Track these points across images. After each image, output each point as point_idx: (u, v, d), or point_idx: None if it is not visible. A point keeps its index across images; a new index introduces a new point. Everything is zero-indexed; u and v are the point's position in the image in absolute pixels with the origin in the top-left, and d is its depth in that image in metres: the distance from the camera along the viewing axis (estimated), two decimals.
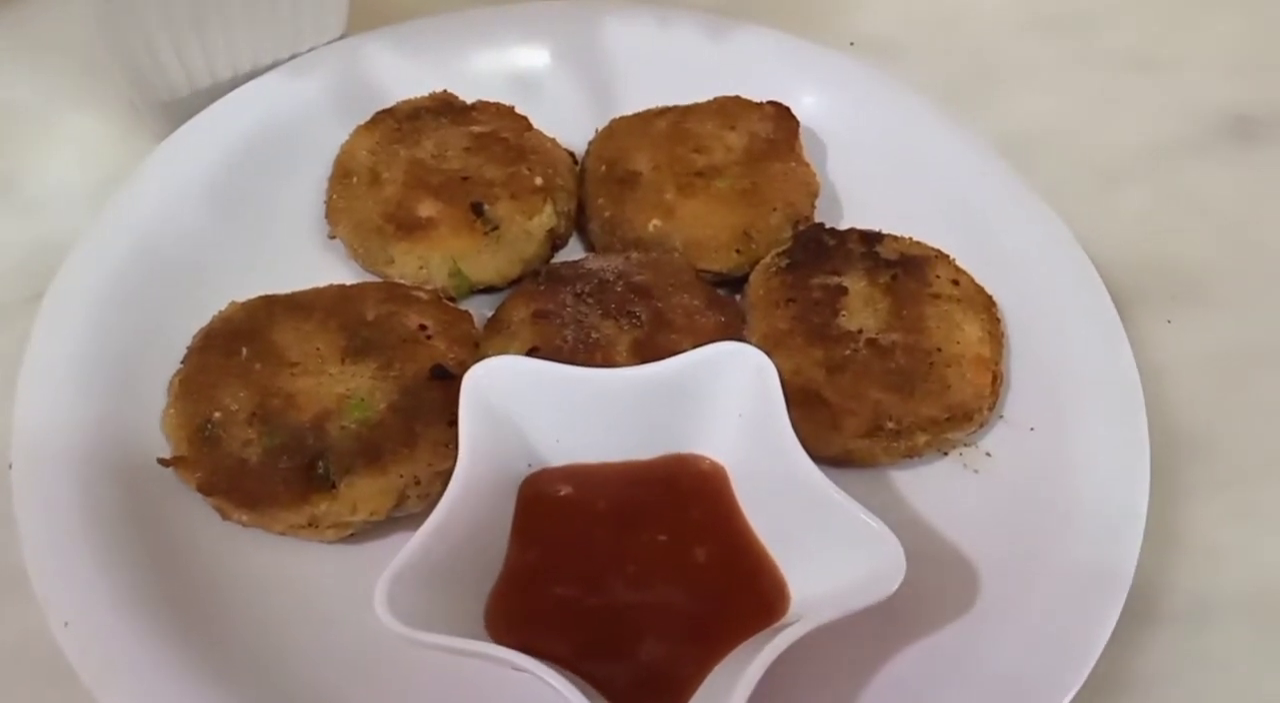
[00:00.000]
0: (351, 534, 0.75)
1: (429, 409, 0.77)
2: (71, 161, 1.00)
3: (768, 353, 0.76)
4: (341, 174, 0.91)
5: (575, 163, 0.96)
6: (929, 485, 0.81)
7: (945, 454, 0.82)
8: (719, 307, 0.85)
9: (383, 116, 0.94)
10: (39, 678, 0.71)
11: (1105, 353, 0.84)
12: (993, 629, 0.73)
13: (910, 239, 0.89)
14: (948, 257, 0.88)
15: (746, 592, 0.70)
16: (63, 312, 0.82)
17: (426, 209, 0.87)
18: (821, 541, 0.70)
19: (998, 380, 0.83)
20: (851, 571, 0.67)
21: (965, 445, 0.82)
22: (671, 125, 0.95)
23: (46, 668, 0.69)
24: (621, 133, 0.96)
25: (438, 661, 0.69)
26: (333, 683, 0.71)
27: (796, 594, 0.70)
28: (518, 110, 0.96)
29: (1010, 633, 0.73)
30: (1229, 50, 1.16)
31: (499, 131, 0.93)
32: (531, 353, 0.78)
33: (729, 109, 0.96)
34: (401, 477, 0.75)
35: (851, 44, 1.12)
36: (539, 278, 0.86)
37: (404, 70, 0.98)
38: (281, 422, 0.76)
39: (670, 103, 0.97)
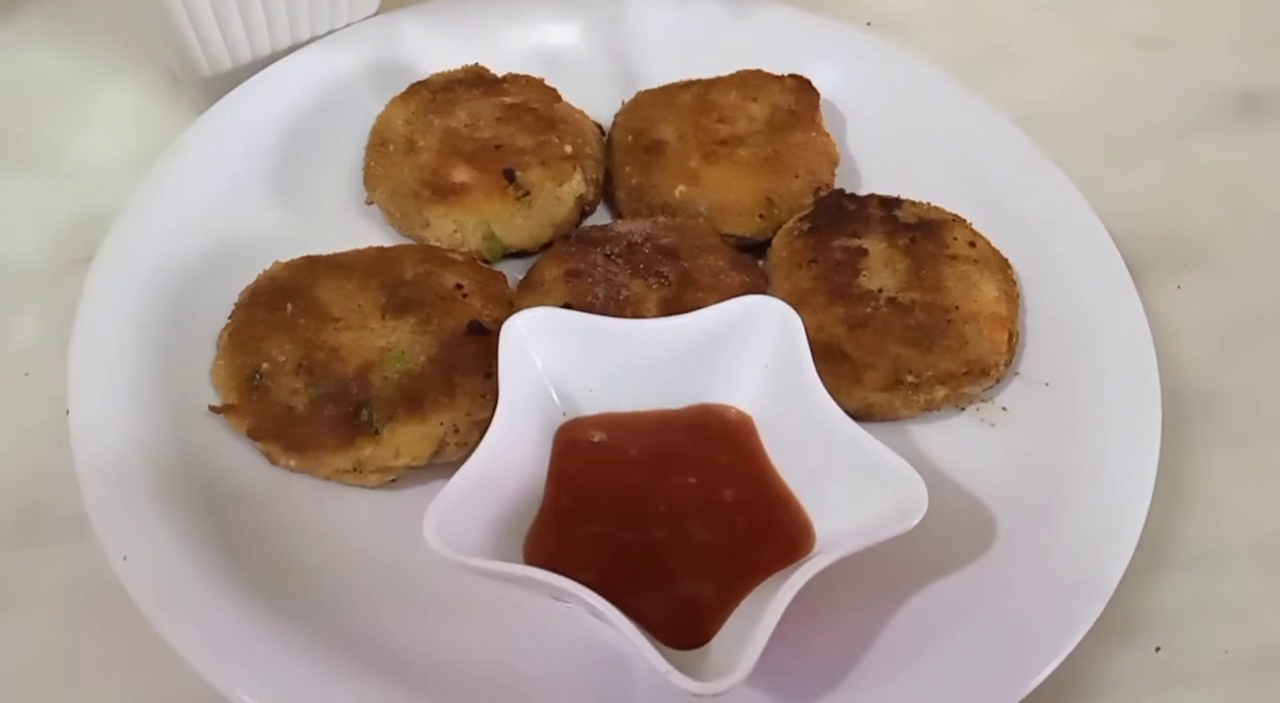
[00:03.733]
0: (393, 480, 0.78)
1: (467, 362, 0.80)
2: (114, 132, 1.04)
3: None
4: (378, 142, 0.95)
5: (602, 133, 0.99)
6: (947, 439, 0.84)
7: (963, 409, 0.85)
8: (743, 268, 0.88)
9: (417, 88, 0.97)
10: (102, 611, 0.74)
11: (1117, 310, 0.87)
12: (1007, 573, 0.76)
13: (928, 204, 0.92)
14: (964, 220, 0.91)
15: (773, 530, 0.73)
16: (115, 270, 0.85)
17: (460, 175, 0.91)
18: (846, 480, 0.72)
19: (1014, 338, 0.86)
20: (875, 507, 0.70)
21: (982, 400, 0.85)
22: (696, 97, 0.98)
23: (108, 602, 0.72)
24: (647, 104, 0.99)
25: (478, 598, 0.73)
26: (374, 612, 0.73)
27: (821, 532, 0.72)
28: (547, 83, 0.99)
29: (1024, 577, 0.75)
30: (1236, 28, 1.19)
31: (529, 102, 0.96)
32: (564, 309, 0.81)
33: (751, 82, 0.99)
34: (441, 424, 0.78)
35: (868, 24, 1.15)
36: (570, 240, 0.89)
37: (437, 45, 1.01)
38: (326, 372, 0.79)
39: (694, 77, 1.00)
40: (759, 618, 0.64)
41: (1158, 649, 0.78)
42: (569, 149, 0.93)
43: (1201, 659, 0.78)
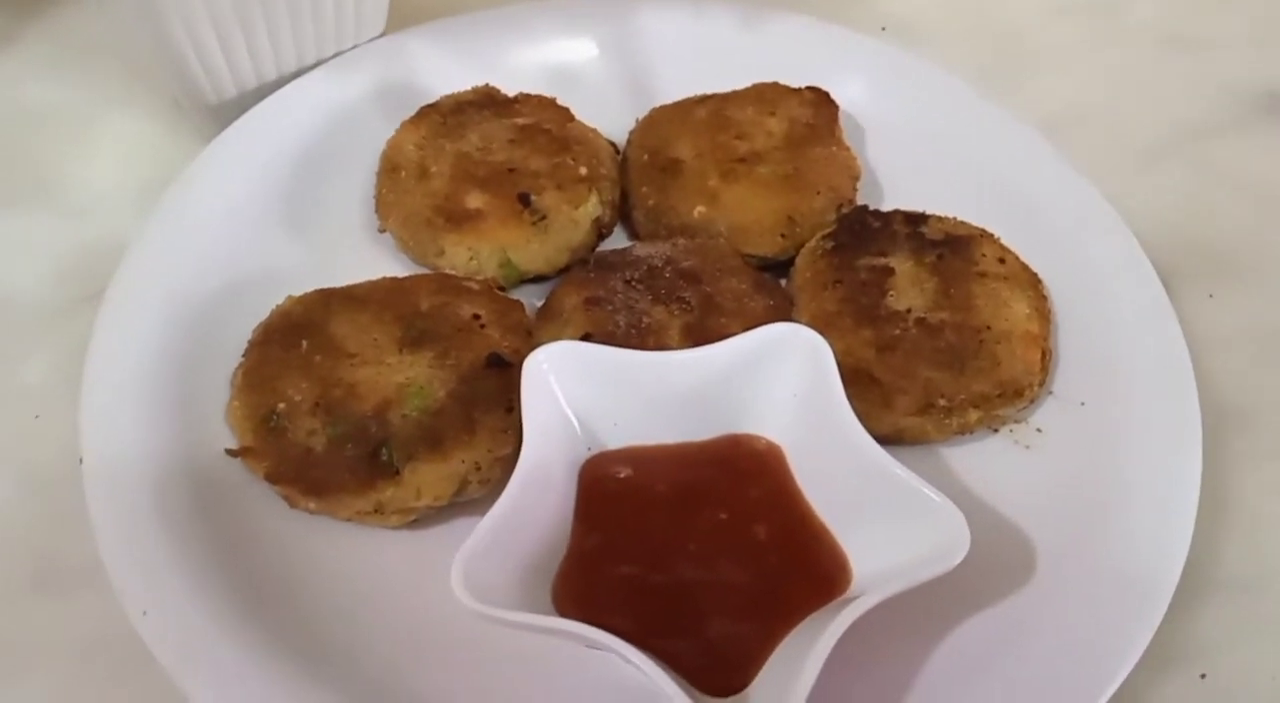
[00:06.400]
0: (414, 520, 0.77)
1: (487, 396, 0.78)
2: (118, 163, 1.02)
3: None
4: (389, 168, 0.93)
5: (617, 152, 0.97)
6: (981, 462, 0.82)
7: (996, 431, 0.83)
8: (767, 290, 0.86)
9: (428, 111, 0.95)
10: (119, 666, 0.73)
11: (1153, 327, 0.85)
12: (1049, 603, 0.74)
13: (954, 219, 0.90)
14: (992, 235, 0.89)
15: (808, 568, 0.71)
16: (123, 310, 0.83)
17: (474, 201, 0.89)
18: (882, 515, 0.71)
19: (1047, 356, 0.83)
20: (913, 544, 0.68)
21: (1016, 422, 0.83)
22: (712, 113, 0.96)
23: (126, 655, 0.71)
24: (662, 122, 0.97)
25: (504, 643, 0.71)
26: (400, 662, 0.72)
27: (858, 569, 0.70)
28: (559, 102, 0.97)
29: (1065, 607, 0.74)
30: (1260, 28, 1.17)
31: (542, 123, 0.94)
32: (585, 339, 0.79)
33: (768, 95, 0.97)
34: (463, 463, 0.76)
35: (883, 29, 1.13)
36: (588, 266, 0.87)
37: (446, 65, 0.99)
38: (344, 411, 0.77)
39: (709, 91, 0.98)
40: (800, 665, 0.62)
41: (1203, 676, 0.76)
42: (584, 171, 0.91)
43: (1248, 686, 0.76)
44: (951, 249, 0.86)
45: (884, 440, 0.77)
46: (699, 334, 0.81)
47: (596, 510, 0.74)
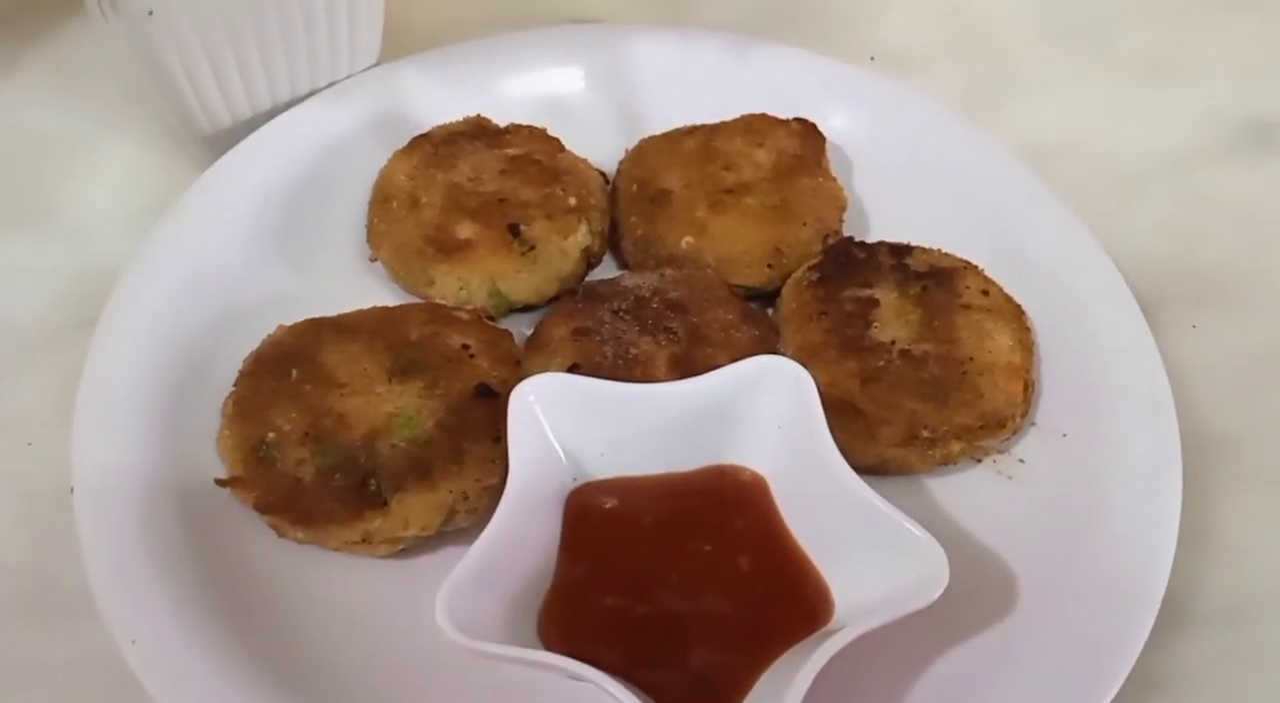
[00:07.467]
0: (402, 549, 0.78)
1: (475, 427, 0.79)
2: (112, 189, 1.02)
3: (803, 365, 0.78)
4: (381, 199, 0.94)
5: (607, 182, 0.98)
6: (964, 492, 0.82)
7: (979, 461, 0.84)
8: (753, 321, 0.87)
9: (419, 142, 0.96)
10: (109, 692, 0.73)
11: (1134, 358, 0.85)
12: (1029, 634, 0.75)
13: (939, 251, 0.91)
14: (976, 267, 0.90)
15: (791, 599, 0.72)
16: (116, 339, 0.84)
17: (465, 231, 0.90)
18: (864, 548, 0.71)
19: (1029, 388, 0.84)
20: (894, 577, 0.69)
21: (999, 452, 0.84)
22: (700, 144, 0.97)
23: (114, 685, 0.71)
24: (651, 152, 0.98)
25: (492, 672, 0.71)
26: (387, 691, 0.73)
27: (840, 602, 0.71)
28: (550, 133, 0.98)
29: (1046, 637, 0.74)
30: (1245, 56, 1.18)
31: (532, 154, 0.95)
32: (573, 370, 0.80)
33: (756, 127, 0.98)
34: (450, 493, 0.77)
35: (871, 58, 1.14)
36: (577, 296, 0.88)
37: (438, 95, 1.00)
38: (333, 441, 0.78)
39: (698, 122, 0.99)
40: (782, 697, 0.63)
41: None
42: (573, 201, 0.92)
43: None
44: (936, 281, 0.87)
45: (868, 471, 0.79)
46: (686, 365, 0.82)
47: (582, 541, 0.74)
